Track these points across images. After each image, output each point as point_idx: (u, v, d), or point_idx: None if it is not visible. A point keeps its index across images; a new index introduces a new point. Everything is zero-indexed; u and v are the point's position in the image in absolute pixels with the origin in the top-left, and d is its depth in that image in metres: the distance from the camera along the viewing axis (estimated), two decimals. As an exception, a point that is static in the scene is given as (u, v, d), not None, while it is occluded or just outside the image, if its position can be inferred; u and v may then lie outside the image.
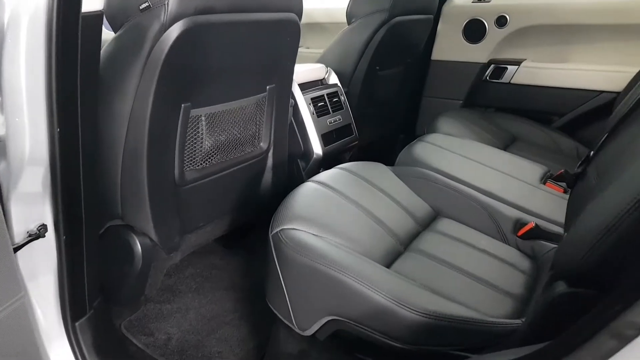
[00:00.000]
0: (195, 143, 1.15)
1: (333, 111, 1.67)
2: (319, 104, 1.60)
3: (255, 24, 1.12)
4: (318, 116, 1.59)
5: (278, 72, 1.32)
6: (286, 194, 1.41)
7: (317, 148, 1.57)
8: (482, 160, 1.47)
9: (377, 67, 1.89)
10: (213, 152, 1.21)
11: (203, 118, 1.14)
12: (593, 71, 2.00)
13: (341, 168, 1.23)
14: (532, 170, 1.49)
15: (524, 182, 1.38)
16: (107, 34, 1.01)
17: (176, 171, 1.12)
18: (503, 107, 2.26)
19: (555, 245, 1.10)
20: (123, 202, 1.08)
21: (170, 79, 0.99)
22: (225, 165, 1.26)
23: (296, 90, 1.54)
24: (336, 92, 1.71)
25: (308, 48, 2.82)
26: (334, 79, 1.76)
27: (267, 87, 1.31)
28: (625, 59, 1.96)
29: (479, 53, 2.26)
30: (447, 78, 2.37)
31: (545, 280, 0.92)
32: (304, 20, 2.68)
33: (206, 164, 1.20)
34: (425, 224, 1.18)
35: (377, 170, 1.29)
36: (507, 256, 1.09)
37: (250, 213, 1.50)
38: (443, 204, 1.26)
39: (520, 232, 1.16)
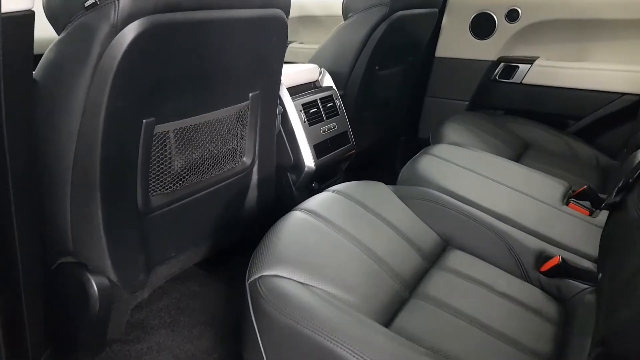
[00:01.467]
0: (163, 163, 0.98)
1: (327, 118, 1.50)
2: (311, 111, 1.44)
3: (233, 23, 0.95)
4: (310, 124, 1.43)
5: (262, 77, 1.15)
6: (273, 212, 1.25)
7: (308, 160, 1.41)
8: (496, 176, 1.31)
9: (377, 67, 1.72)
10: (185, 172, 1.05)
11: (171, 134, 0.97)
12: (614, 71, 1.84)
13: (335, 191, 1.07)
14: (551, 187, 1.33)
15: (544, 203, 1.22)
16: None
17: (139, 197, 0.96)
18: (513, 109, 2.10)
19: (587, 286, 0.94)
20: (74, 236, 0.92)
21: (127, 91, 0.82)
22: (200, 186, 1.10)
23: (285, 96, 1.37)
24: (330, 96, 1.55)
25: (302, 43, 2.64)
26: (328, 81, 1.59)
27: (250, 94, 1.14)
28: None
29: (487, 50, 2.09)
30: (452, 77, 2.20)
31: (580, 342, 0.77)
32: (296, 13, 2.47)
33: (177, 186, 1.04)
34: (434, 259, 1.02)
35: (376, 192, 1.13)
36: (530, 299, 0.94)
37: (233, 235, 1.35)
38: (453, 231, 1.10)
39: (544, 268, 1.00)
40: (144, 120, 0.89)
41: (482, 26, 2.08)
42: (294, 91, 1.47)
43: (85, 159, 0.85)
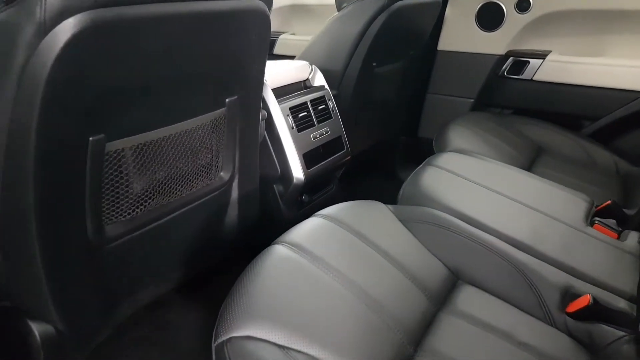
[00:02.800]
0: (118, 187, 0.83)
1: (319, 122, 1.35)
2: (300, 115, 1.28)
3: (202, 18, 0.80)
4: (299, 130, 1.27)
5: (241, 80, 1.00)
6: (259, 229, 1.11)
7: (297, 172, 1.26)
8: (509, 191, 1.16)
9: (374, 64, 1.56)
10: (148, 194, 0.89)
11: (128, 152, 0.82)
12: (634, 67, 1.69)
13: (325, 216, 0.92)
14: (572, 203, 1.19)
15: (566, 225, 1.08)
16: None
17: (90, 227, 0.80)
18: (523, 108, 1.95)
19: (624, 334, 0.80)
20: (9, 276, 0.77)
21: (64, 105, 0.67)
22: (168, 208, 0.95)
23: (269, 99, 1.22)
24: (322, 97, 1.39)
25: (294, 34, 2.48)
26: (320, 79, 1.44)
27: (227, 100, 0.99)
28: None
29: (495, 43, 1.94)
30: (455, 72, 2.05)
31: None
32: (288, 1, 2.26)
33: (138, 211, 0.89)
34: (442, 299, 0.87)
35: (373, 216, 0.98)
36: (556, 349, 0.80)
37: (212, 259, 1.20)
38: (463, 262, 0.96)
39: (571, 309, 0.86)
40: (90, 138, 0.74)
41: (490, 17, 1.92)
42: (281, 92, 1.31)
43: (16, 186, 0.70)
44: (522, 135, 1.72)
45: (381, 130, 1.96)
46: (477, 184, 1.17)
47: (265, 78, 1.21)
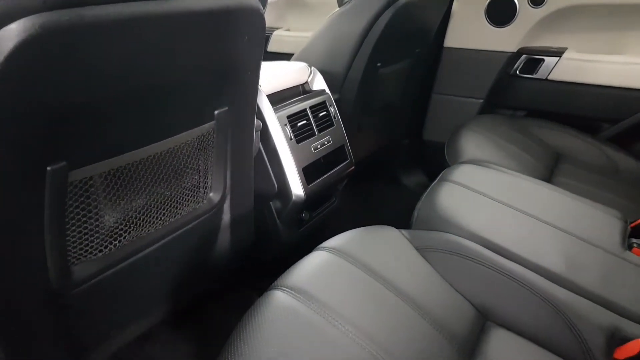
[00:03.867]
0: (87, 221, 0.70)
1: (320, 131, 1.22)
2: (300, 124, 1.16)
3: (183, 19, 0.67)
4: (298, 141, 1.15)
5: (232, 89, 0.87)
6: (254, 251, 0.99)
7: (296, 188, 1.13)
8: (535, 210, 1.04)
9: (379, 64, 1.44)
10: (123, 226, 0.77)
11: (97, 180, 0.69)
12: (659, 66, 1.58)
13: (330, 250, 0.80)
14: (604, 221, 1.07)
15: (604, 250, 0.96)
16: None
17: (52, 270, 0.68)
18: (537, 110, 1.83)
19: (687, 389, 0.69)
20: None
21: (12, 130, 0.54)
22: (148, 240, 0.82)
23: (264, 107, 1.09)
24: (323, 102, 1.26)
25: (288, 30, 2.35)
26: (320, 83, 1.31)
27: (216, 112, 0.86)
28: None
29: (506, 39, 1.82)
30: (463, 71, 1.92)
31: None
32: None
33: (112, 247, 0.76)
34: (470, 348, 0.75)
35: (386, 246, 0.86)
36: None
37: (200, 288, 1.08)
38: (492, 299, 0.84)
39: (620, 355, 0.74)
40: (48, 168, 0.61)
41: (501, 11, 1.80)
42: (277, 99, 1.18)
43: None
44: (539, 141, 1.60)
45: (385, 135, 1.83)
46: (499, 202, 1.05)
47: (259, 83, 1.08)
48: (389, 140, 1.93)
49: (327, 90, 1.31)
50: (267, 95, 1.12)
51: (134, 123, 0.70)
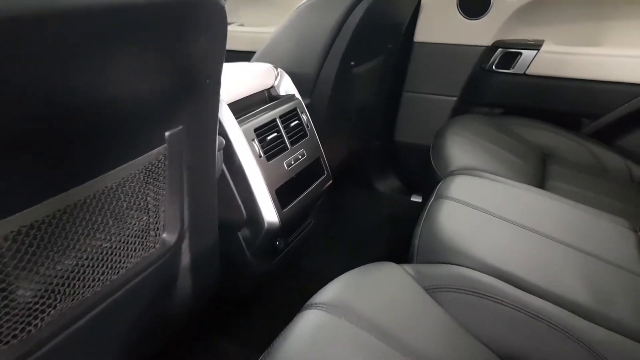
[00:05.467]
0: (-11, 301, 0.50)
1: (293, 144, 1.04)
2: (269, 137, 0.97)
3: (119, 16, 0.47)
4: (269, 158, 0.97)
5: (187, 102, 0.68)
6: (221, 291, 0.82)
7: (269, 214, 0.95)
8: (546, 227, 0.91)
9: (353, 63, 1.27)
10: (46, 298, 0.56)
11: (3, 244, 0.49)
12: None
13: (322, 307, 0.62)
14: (617, 234, 0.96)
15: (625, 271, 0.84)
16: None
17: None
18: (514, 106, 1.73)
19: None
20: None
21: None
22: (83, 308, 0.62)
23: (226, 120, 0.90)
24: (294, 109, 1.08)
25: (242, 26, 2.14)
26: (288, 86, 1.13)
27: (167, 133, 0.67)
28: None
29: (480, 32, 1.70)
30: (435, 67, 1.79)
31: None
32: None
33: (31, 328, 0.55)
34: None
35: (390, 292, 0.69)
36: None
37: (157, 343, 0.88)
38: (519, 345, 0.69)
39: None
40: None
41: (474, 2, 1.67)
42: (240, 108, 0.99)
43: None
44: (523, 140, 1.49)
45: (357, 139, 1.68)
46: (505, 220, 0.91)
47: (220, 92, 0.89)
48: (360, 144, 1.77)
49: (298, 95, 1.13)
50: (229, 105, 0.93)
51: (54, 159, 0.50)
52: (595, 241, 0.91)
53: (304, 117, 1.11)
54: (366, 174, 1.97)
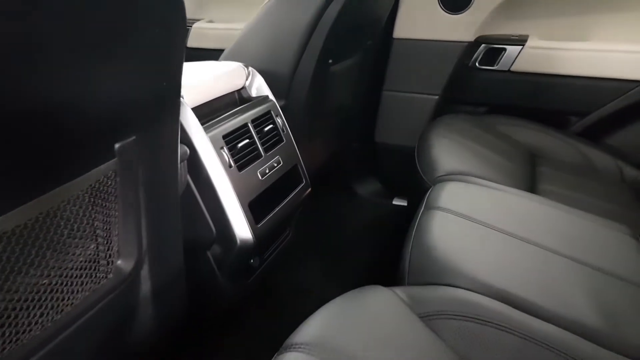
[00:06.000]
0: None
1: (267, 150, 0.95)
2: (240, 144, 0.88)
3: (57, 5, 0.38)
4: (240, 168, 0.87)
5: (141, 108, 0.58)
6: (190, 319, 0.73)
7: (242, 230, 0.86)
8: (542, 236, 0.84)
9: (330, 60, 1.19)
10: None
11: None
12: (628, 53, 1.46)
13: (306, 349, 0.54)
14: (619, 243, 0.90)
15: (628, 283, 0.78)
16: None
17: None
18: (499, 105, 1.67)
19: None
20: None
21: None
22: (20, 355, 0.52)
23: (190, 126, 0.80)
24: (268, 112, 0.99)
25: (211, 22, 2.04)
26: (261, 87, 1.04)
27: (117, 145, 0.57)
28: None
29: (462, 27, 1.63)
30: (416, 64, 1.72)
31: None
32: None
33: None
34: None
35: (380, 323, 0.61)
36: None
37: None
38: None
39: None
40: None
41: (455, -4, 1.61)
42: (207, 112, 0.90)
43: None
44: (511, 141, 1.43)
45: (336, 141, 1.59)
46: (501, 232, 0.83)
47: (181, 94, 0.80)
48: (339, 146, 1.69)
49: (271, 96, 1.04)
50: (193, 109, 0.83)
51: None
52: (597, 252, 0.85)
53: (278, 120, 1.02)
54: (346, 178, 1.89)
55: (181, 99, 0.80)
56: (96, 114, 0.52)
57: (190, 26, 1.99)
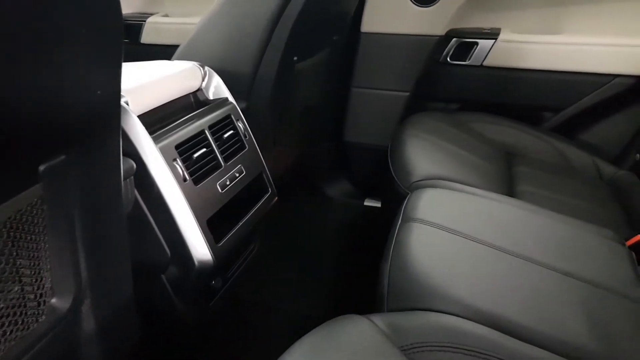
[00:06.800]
0: None
1: (227, 159, 0.87)
2: (197, 154, 0.79)
3: None
4: (197, 181, 0.79)
5: (70, 120, 0.49)
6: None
7: (199, 251, 0.77)
8: (529, 248, 0.79)
9: (295, 58, 1.11)
10: None
11: None
12: (603, 46, 1.44)
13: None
14: (605, 250, 0.86)
15: (622, 297, 0.74)
16: None
17: None
18: (472, 101, 1.63)
19: None
20: None
21: None
22: None
23: (137, 136, 0.71)
24: (228, 116, 0.91)
25: (167, 16, 1.92)
26: (219, 88, 0.95)
27: (42, 167, 0.48)
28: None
29: (432, 21, 1.58)
30: (385, 60, 1.66)
31: None
32: None
33: None
34: None
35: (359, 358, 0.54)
36: None
37: None
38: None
39: None
40: None
41: (424, -13, 1.56)
42: (157, 119, 0.81)
43: None
44: (486, 139, 1.39)
45: (304, 142, 1.52)
46: (487, 245, 0.78)
47: (124, 98, 0.71)
48: (308, 147, 1.62)
49: (231, 98, 0.96)
50: (140, 117, 0.74)
51: None
52: (586, 262, 0.80)
53: (240, 125, 0.93)
54: (316, 179, 1.82)
55: (125, 105, 0.71)
56: (12, 130, 0.43)
57: (144, 21, 1.88)
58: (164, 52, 1.10)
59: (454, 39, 1.57)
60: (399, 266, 0.71)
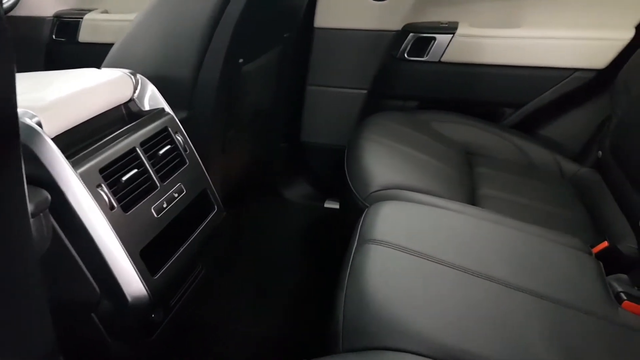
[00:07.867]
0: None
1: (164, 178, 0.79)
2: (126, 177, 0.71)
3: None
4: (127, 207, 0.70)
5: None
6: None
7: (132, 286, 0.69)
8: (495, 267, 0.75)
9: (241, 60, 1.04)
10: None
11: None
12: (561, 39, 1.42)
13: None
14: (575, 261, 0.84)
15: (593, 316, 0.71)
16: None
17: None
18: (430, 98, 1.59)
19: None
20: None
21: None
22: None
23: (52, 163, 0.62)
24: (164, 129, 0.83)
25: (106, 13, 1.80)
26: (153, 97, 0.86)
27: None
28: (609, 18, 1.40)
29: (388, 15, 1.53)
30: (340, 56, 1.61)
31: None
32: None
33: None
34: None
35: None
36: None
37: None
38: None
39: None
40: None
41: (379, -20, 1.50)
42: (81, 137, 0.72)
43: None
44: (446, 140, 1.35)
45: (258, 145, 1.44)
46: (451, 266, 0.73)
47: (35, 118, 0.62)
48: (263, 150, 1.55)
49: (168, 108, 0.87)
50: (57, 137, 0.65)
51: None
52: (553, 280, 0.77)
53: (178, 138, 0.85)
54: (272, 182, 1.75)
55: (36, 127, 0.62)
56: None
57: (82, 18, 1.75)
58: (104, 51, 1.01)
59: (411, 34, 1.52)
60: (354, 298, 0.65)
